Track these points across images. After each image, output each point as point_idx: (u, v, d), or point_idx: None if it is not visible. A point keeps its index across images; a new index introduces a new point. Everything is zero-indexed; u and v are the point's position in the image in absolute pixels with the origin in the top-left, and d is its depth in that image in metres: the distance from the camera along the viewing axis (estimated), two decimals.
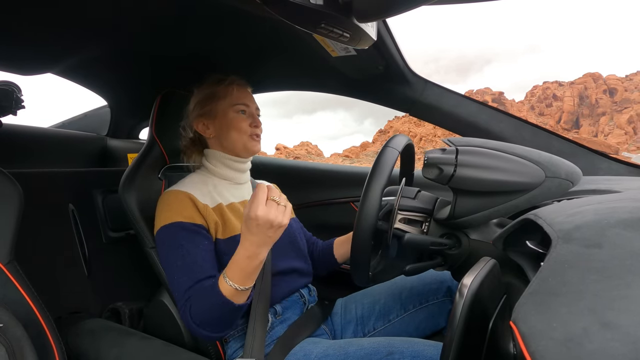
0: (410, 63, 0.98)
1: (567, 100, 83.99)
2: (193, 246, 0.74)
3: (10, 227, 0.67)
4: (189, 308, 0.69)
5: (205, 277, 0.71)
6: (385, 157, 0.63)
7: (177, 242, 0.74)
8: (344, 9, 0.45)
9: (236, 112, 0.86)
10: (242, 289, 0.67)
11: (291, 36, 0.88)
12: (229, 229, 0.80)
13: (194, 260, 0.73)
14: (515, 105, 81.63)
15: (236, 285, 0.66)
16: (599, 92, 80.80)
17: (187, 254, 0.73)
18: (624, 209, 0.37)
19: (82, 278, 1.08)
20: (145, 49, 1.04)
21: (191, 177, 0.87)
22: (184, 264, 0.72)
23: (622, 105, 78.25)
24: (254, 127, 0.87)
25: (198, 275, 0.71)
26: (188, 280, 0.71)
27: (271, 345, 0.77)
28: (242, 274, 0.66)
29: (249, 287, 0.68)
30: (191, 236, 0.75)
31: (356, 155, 63.69)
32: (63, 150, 1.36)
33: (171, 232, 0.75)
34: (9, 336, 0.53)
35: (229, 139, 0.86)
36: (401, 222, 0.68)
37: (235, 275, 0.66)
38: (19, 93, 0.91)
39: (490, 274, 0.43)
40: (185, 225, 0.76)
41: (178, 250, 0.73)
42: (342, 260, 0.98)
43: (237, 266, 0.67)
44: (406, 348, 0.66)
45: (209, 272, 0.73)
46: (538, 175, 0.55)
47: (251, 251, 0.65)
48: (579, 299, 0.27)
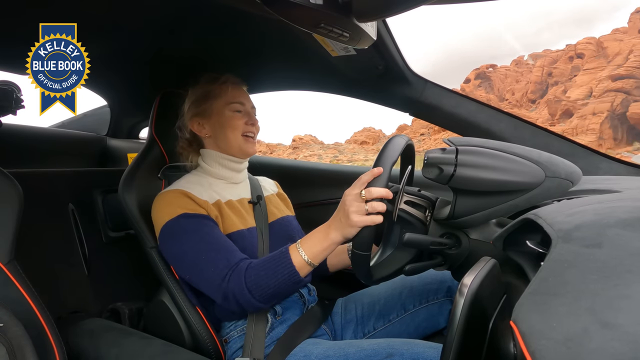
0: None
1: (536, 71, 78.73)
2: (210, 229, 0.75)
3: (10, 227, 0.67)
4: (242, 276, 0.69)
5: (242, 258, 0.72)
6: (394, 142, 0.65)
7: (191, 228, 0.74)
8: (343, 8, 0.45)
9: (231, 111, 0.86)
10: (310, 263, 0.68)
11: (291, 36, 0.88)
12: (227, 225, 0.81)
13: (219, 238, 0.74)
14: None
15: (307, 257, 0.68)
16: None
17: (209, 234, 0.74)
18: (624, 209, 0.37)
19: (82, 278, 1.08)
20: (145, 49, 1.04)
21: (187, 177, 0.87)
22: (211, 242, 0.73)
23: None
24: (250, 125, 0.87)
25: (234, 253, 0.72)
26: (224, 254, 0.72)
27: (271, 346, 0.77)
28: (313, 249, 0.68)
29: (316, 264, 0.69)
30: (203, 221, 0.76)
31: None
32: (63, 150, 1.36)
33: (180, 223, 0.75)
34: (10, 336, 0.53)
35: (224, 138, 0.86)
36: (406, 204, 0.68)
37: (308, 247, 0.69)
38: (19, 93, 0.91)
39: (490, 273, 0.43)
40: (191, 214, 0.76)
41: (195, 235, 0.73)
42: (334, 270, 0.96)
43: (312, 239, 0.69)
44: (406, 350, 0.66)
45: (239, 253, 0.74)
46: (538, 175, 0.55)
47: (325, 227, 0.69)
48: (579, 298, 0.27)
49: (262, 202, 0.92)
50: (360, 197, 0.62)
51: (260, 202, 0.92)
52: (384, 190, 0.62)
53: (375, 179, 0.62)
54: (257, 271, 0.69)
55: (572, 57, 77.02)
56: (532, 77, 77.80)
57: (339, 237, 0.67)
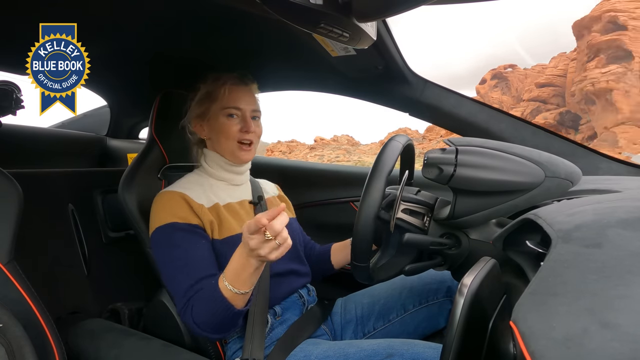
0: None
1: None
2: (190, 245, 0.74)
3: (10, 227, 0.67)
4: (191, 309, 0.69)
5: (206, 276, 0.71)
6: (389, 148, 0.64)
7: (173, 243, 0.74)
8: (343, 8, 0.45)
9: (225, 117, 0.84)
10: (240, 293, 0.66)
11: (291, 36, 0.88)
12: (225, 229, 0.80)
13: (193, 259, 0.73)
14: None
15: (233, 288, 0.65)
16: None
17: (185, 253, 0.73)
18: (624, 209, 0.37)
19: (82, 278, 1.08)
20: (145, 49, 1.04)
21: (188, 177, 0.87)
22: (183, 264, 0.72)
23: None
24: (244, 132, 0.84)
25: (198, 274, 0.71)
26: (188, 279, 0.71)
27: (271, 347, 0.77)
28: (237, 278, 0.65)
29: (246, 292, 0.66)
30: (187, 236, 0.75)
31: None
32: (63, 150, 1.36)
33: (166, 233, 0.75)
34: (9, 336, 0.53)
35: (219, 143, 0.85)
36: (404, 212, 0.68)
37: (231, 278, 0.66)
38: (19, 93, 0.91)
39: (490, 274, 0.43)
40: (180, 225, 0.75)
41: (175, 250, 0.73)
42: (339, 266, 0.96)
43: (233, 268, 0.66)
44: (406, 350, 0.66)
45: (209, 270, 0.72)
46: (538, 175, 0.55)
47: (243, 258, 0.64)
48: (579, 298, 0.27)
49: (262, 203, 0.92)
50: (265, 238, 0.59)
51: (262, 202, 0.91)
52: (282, 222, 0.60)
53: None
54: (199, 308, 0.68)
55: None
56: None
57: (259, 263, 0.64)
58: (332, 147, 58.79)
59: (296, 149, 55.52)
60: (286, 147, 61.56)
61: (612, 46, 22.86)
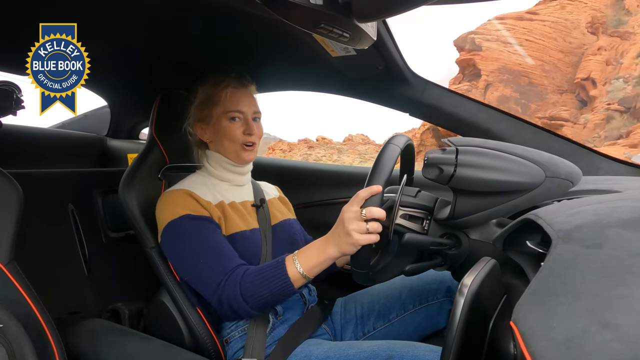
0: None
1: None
2: (209, 232, 0.75)
3: (10, 227, 0.67)
4: (238, 284, 0.69)
5: (238, 263, 0.73)
6: (387, 153, 0.64)
7: (192, 231, 0.75)
8: (343, 9, 0.45)
9: (228, 120, 0.84)
10: (305, 276, 0.68)
11: (291, 36, 0.88)
12: (230, 225, 0.81)
13: (220, 241, 0.75)
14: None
15: (302, 270, 0.68)
16: None
17: (209, 238, 0.74)
18: (624, 209, 0.37)
19: (82, 278, 1.08)
20: (145, 49, 1.04)
21: (191, 177, 0.88)
22: (210, 247, 0.73)
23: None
24: (247, 134, 0.85)
25: (232, 254, 0.73)
26: (223, 258, 0.72)
27: (272, 346, 0.77)
28: (309, 262, 0.68)
29: (310, 277, 0.69)
30: (204, 224, 0.76)
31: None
32: (63, 150, 1.36)
33: (182, 225, 0.75)
34: (9, 337, 0.53)
35: (222, 146, 0.86)
36: (402, 218, 0.68)
37: (304, 260, 0.69)
38: (19, 93, 0.91)
39: (490, 274, 0.43)
40: (194, 216, 0.76)
41: (195, 238, 0.74)
42: (341, 264, 0.97)
43: (309, 252, 0.69)
44: (406, 352, 0.66)
45: (234, 253, 0.75)
46: (538, 175, 0.55)
47: (323, 242, 0.68)
48: (579, 299, 0.27)
49: (265, 206, 0.92)
50: (361, 215, 0.62)
51: (264, 205, 0.92)
52: (382, 212, 0.62)
53: (374, 197, 0.62)
54: (252, 279, 0.70)
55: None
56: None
57: (337, 253, 0.67)
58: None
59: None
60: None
61: (470, 65, 24.94)
